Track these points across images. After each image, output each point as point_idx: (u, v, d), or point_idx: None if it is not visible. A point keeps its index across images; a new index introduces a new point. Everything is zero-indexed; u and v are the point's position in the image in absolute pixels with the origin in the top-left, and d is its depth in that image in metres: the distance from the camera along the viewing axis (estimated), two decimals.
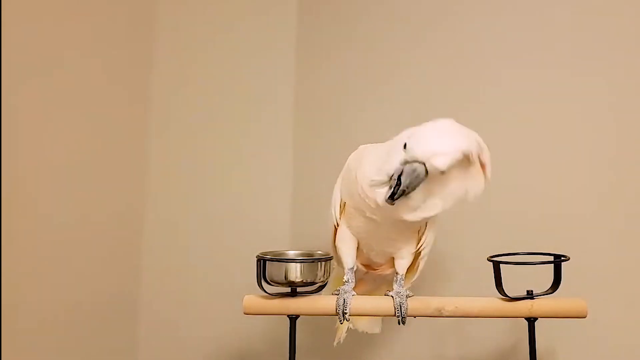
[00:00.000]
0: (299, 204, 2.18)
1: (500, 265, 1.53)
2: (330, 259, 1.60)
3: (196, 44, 2.26)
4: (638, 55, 1.81)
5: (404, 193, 1.34)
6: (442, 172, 1.33)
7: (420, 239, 1.56)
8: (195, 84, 2.25)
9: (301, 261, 1.56)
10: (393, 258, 1.60)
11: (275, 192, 2.20)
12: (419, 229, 1.55)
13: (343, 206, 1.59)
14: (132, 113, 2.17)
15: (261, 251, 1.60)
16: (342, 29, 2.18)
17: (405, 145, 1.35)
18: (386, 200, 1.37)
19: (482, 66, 1.98)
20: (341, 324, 1.55)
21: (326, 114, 2.18)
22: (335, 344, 1.76)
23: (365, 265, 1.67)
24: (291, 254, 1.65)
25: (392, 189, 1.36)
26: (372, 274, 1.69)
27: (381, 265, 1.65)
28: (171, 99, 2.24)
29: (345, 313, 1.52)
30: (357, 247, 1.61)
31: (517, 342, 1.86)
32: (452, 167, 1.34)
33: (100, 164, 2.01)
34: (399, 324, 1.54)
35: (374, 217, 1.48)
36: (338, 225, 1.61)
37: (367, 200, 1.44)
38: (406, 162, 1.34)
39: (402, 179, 1.34)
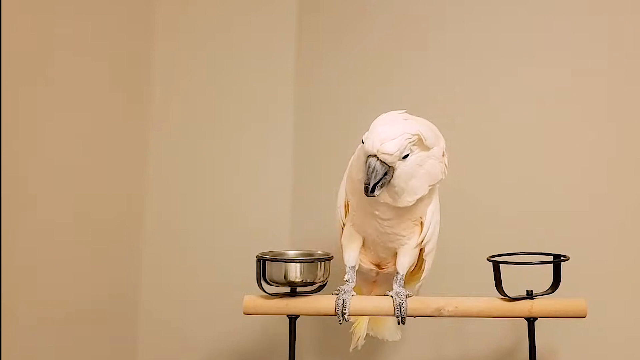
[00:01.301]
0: (299, 204, 2.18)
1: (500, 265, 1.53)
2: (330, 259, 1.59)
3: (196, 44, 2.26)
4: (638, 56, 1.81)
5: (375, 186, 1.40)
6: (404, 157, 1.41)
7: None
8: (195, 84, 2.25)
9: (301, 261, 1.57)
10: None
11: (275, 192, 2.20)
12: (420, 220, 1.55)
13: (347, 205, 1.60)
14: (132, 113, 2.17)
15: (261, 251, 1.60)
16: (342, 29, 2.18)
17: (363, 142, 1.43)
18: (368, 195, 1.41)
19: (481, 67, 1.98)
20: (340, 324, 1.55)
21: (326, 114, 2.18)
22: (351, 349, 1.74)
23: (375, 265, 1.66)
24: (291, 254, 1.65)
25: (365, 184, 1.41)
26: (383, 275, 1.68)
27: (388, 263, 1.64)
28: (171, 99, 2.24)
29: (345, 313, 1.52)
30: (363, 244, 1.61)
31: (517, 342, 1.86)
32: (410, 149, 1.41)
33: (100, 164, 2.01)
34: (399, 323, 1.54)
35: (376, 212, 1.49)
36: (344, 225, 1.61)
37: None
38: (367, 157, 1.40)
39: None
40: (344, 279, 1.59)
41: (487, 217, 1.92)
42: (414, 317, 1.59)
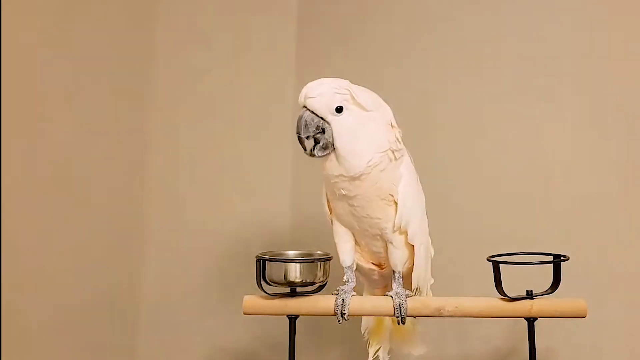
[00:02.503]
0: (299, 204, 2.18)
1: (500, 265, 1.53)
2: (329, 259, 1.59)
3: (196, 44, 2.27)
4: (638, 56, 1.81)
5: (316, 146, 1.45)
6: (338, 111, 1.43)
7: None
8: (195, 84, 2.25)
9: (300, 261, 1.56)
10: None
11: (275, 193, 2.20)
12: (393, 199, 1.50)
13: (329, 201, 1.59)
14: (132, 113, 2.17)
15: (261, 251, 1.60)
16: (342, 30, 2.18)
17: None
18: (308, 154, 1.46)
19: (482, 66, 1.98)
20: (339, 323, 1.54)
21: None
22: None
23: (376, 265, 1.64)
24: (290, 254, 1.64)
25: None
26: (390, 278, 1.62)
27: (386, 260, 1.61)
28: (171, 99, 2.24)
29: (344, 313, 1.52)
30: (356, 242, 1.60)
31: (517, 342, 1.86)
32: (342, 103, 1.43)
33: (100, 164, 2.02)
34: (398, 324, 1.54)
35: (342, 190, 1.48)
36: (332, 222, 1.61)
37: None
38: None
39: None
40: (343, 280, 1.59)
41: (487, 217, 1.92)
42: (414, 317, 1.58)
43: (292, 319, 1.56)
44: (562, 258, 1.55)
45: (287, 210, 2.20)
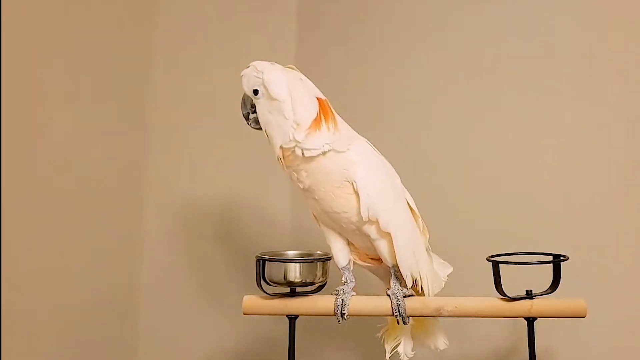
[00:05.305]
0: (299, 204, 2.18)
1: (500, 265, 1.53)
2: (329, 259, 1.60)
3: (196, 44, 2.26)
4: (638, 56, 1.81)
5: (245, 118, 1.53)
6: (254, 93, 1.46)
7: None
8: (195, 83, 2.25)
9: (300, 261, 1.57)
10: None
11: (275, 192, 2.20)
12: (350, 187, 1.46)
13: None
14: (132, 113, 2.18)
15: (261, 251, 1.60)
16: (342, 30, 2.18)
17: None
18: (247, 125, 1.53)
19: (481, 65, 1.98)
20: (339, 323, 1.54)
21: None
22: (387, 358, 1.66)
23: (374, 259, 1.63)
24: (290, 254, 1.64)
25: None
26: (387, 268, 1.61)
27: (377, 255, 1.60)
28: (171, 99, 2.24)
29: (344, 313, 1.52)
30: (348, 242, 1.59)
31: (517, 342, 1.86)
32: (258, 87, 1.45)
33: (100, 164, 2.02)
34: (398, 324, 1.54)
35: (299, 184, 1.49)
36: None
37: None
38: None
39: None
40: (342, 280, 1.58)
41: (487, 217, 1.92)
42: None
43: (292, 319, 1.56)
44: (561, 258, 1.55)
45: (287, 210, 2.20)
